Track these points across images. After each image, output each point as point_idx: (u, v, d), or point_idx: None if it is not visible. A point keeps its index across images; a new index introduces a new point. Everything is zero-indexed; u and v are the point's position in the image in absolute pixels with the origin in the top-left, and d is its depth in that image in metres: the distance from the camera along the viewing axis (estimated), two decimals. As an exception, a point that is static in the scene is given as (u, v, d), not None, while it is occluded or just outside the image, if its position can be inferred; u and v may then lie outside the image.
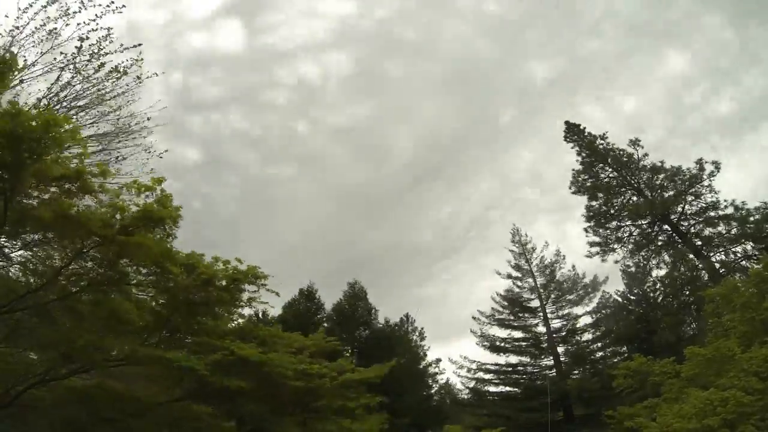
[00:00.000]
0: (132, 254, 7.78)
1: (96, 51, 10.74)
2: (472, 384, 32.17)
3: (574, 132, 29.56)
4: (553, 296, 32.01)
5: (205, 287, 8.81)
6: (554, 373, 29.07)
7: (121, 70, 11.18)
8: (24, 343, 9.59)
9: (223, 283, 9.00)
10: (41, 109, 8.74)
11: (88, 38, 10.46)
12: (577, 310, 31.43)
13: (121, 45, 10.97)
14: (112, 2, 10.50)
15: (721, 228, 25.09)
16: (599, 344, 30.68)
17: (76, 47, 10.44)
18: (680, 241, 26.08)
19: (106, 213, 7.62)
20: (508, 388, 31.79)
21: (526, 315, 32.31)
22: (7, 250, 9.59)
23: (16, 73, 8.09)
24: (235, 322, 11.36)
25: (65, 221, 7.20)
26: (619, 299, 31.05)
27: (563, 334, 31.47)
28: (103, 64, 10.92)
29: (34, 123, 6.36)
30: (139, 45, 11.23)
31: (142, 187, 7.95)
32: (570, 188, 29.24)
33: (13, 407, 8.55)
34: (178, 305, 9.03)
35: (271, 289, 9.48)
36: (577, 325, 31.26)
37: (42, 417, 9.44)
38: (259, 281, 9.17)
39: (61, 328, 8.97)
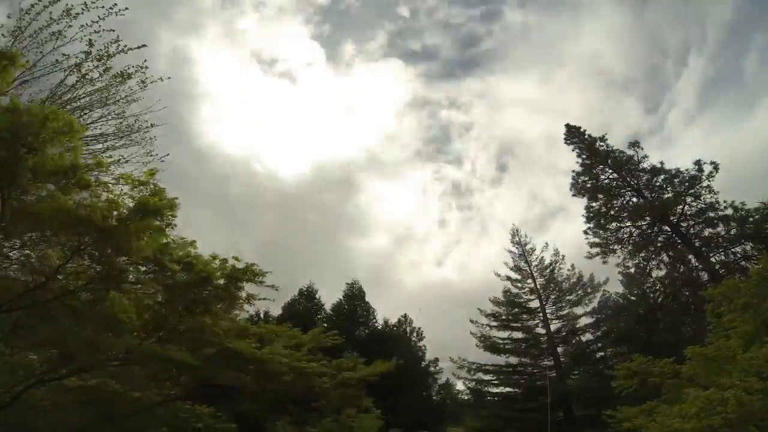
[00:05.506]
0: (129, 249, 7.73)
1: (102, 55, 10.61)
2: (472, 384, 32.21)
3: (574, 134, 29.56)
4: (552, 297, 32.01)
5: (203, 285, 8.76)
6: (554, 374, 29.04)
7: (126, 74, 11.04)
8: (23, 342, 9.53)
9: (221, 281, 8.94)
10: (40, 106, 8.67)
11: (94, 44, 10.36)
12: (577, 310, 31.56)
13: (126, 46, 10.81)
14: (115, 4, 10.38)
15: (721, 228, 25.08)
16: (599, 344, 30.71)
17: (84, 52, 10.34)
18: (680, 241, 26.06)
19: (103, 207, 7.58)
20: (508, 389, 31.87)
21: (526, 316, 32.32)
22: (5, 249, 9.51)
23: (17, 69, 8.03)
24: (234, 322, 11.27)
25: (62, 216, 7.16)
26: (620, 300, 31.04)
27: (563, 334, 31.50)
28: (108, 68, 10.79)
29: (32, 118, 6.33)
30: (143, 46, 11.04)
31: (136, 181, 7.92)
32: (570, 190, 29.29)
33: (12, 407, 8.51)
34: (177, 303, 8.97)
35: (269, 285, 9.39)
36: (577, 326, 31.33)
37: (42, 417, 9.39)
38: (257, 278, 9.09)
39: (60, 326, 8.91)
